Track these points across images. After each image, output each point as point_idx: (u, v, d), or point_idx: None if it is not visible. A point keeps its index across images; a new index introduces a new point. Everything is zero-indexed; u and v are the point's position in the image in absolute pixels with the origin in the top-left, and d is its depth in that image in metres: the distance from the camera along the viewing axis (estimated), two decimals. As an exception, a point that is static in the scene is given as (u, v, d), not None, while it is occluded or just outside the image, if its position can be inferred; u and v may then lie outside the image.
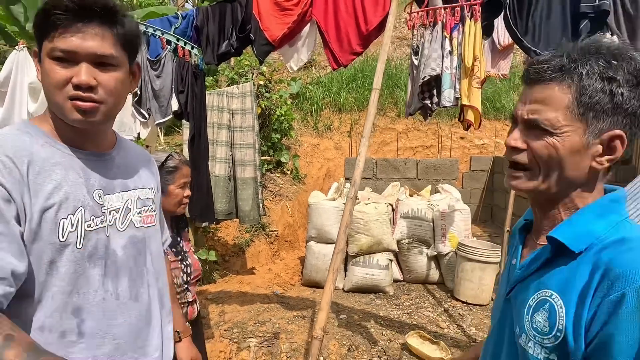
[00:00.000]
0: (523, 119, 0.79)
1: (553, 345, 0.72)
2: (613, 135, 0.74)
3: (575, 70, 0.74)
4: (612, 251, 0.71)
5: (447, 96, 2.41)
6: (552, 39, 2.16)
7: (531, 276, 0.81)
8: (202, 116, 3.18)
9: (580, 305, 0.70)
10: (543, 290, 0.77)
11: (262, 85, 6.91)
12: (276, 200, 6.77)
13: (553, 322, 0.73)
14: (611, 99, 0.73)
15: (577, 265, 0.74)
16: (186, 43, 2.90)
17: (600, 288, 0.68)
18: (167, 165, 1.66)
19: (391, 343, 3.47)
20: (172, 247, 1.75)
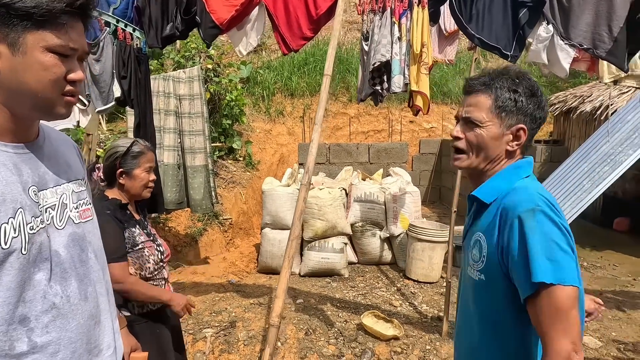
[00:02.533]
0: (462, 117, 1.17)
1: (481, 268, 1.10)
2: (518, 128, 1.13)
3: (493, 85, 1.13)
4: (506, 197, 1.09)
5: (397, 82, 2.45)
6: (494, 27, 2.24)
7: (470, 227, 1.21)
8: (147, 102, 3.03)
9: (492, 238, 1.06)
10: (475, 234, 1.14)
11: (210, 69, 6.68)
12: (229, 187, 6.64)
13: (481, 252, 1.10)
14: (515, 104, 1.12)
15: (489, 212, 1.12)
16: (127, 25, 2.73)
17: (502, 223, 1.05)
18: (132, 150, 1.76)
19: (347, 324, 3.56)
20: (143, 229, 1.81)
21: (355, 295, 4.16)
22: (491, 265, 1.06)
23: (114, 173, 1.76)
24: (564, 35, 2.13)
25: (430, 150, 8.05)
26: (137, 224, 1.81)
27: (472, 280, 1.13)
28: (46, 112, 0.89)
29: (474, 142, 1.14)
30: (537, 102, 1.12)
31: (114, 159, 1.76)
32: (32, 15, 0.80)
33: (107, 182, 1.81)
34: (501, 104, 1.11)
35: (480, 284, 1.10)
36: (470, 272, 1.13)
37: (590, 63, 3.47)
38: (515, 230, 0.99)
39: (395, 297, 4.13)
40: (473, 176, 1.21)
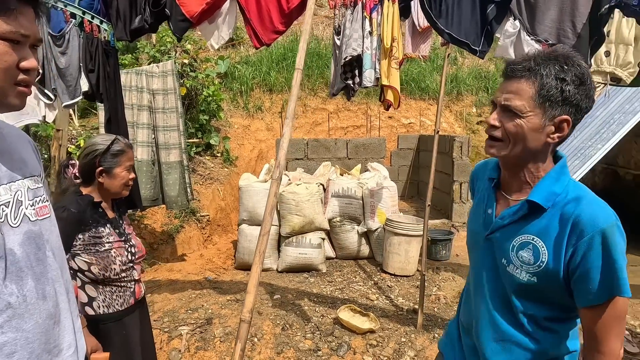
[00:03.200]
0: (500, 104, 1.07)
1: (536, 271, 1.06)
2: (562, 119, 1.05)
3: (538, 71, 1.03)
4: (574, 207, 1.03)
5: (368, 76, 2.46)
6: (463, 22, 2.27)
7: (511, 225, 1.12)
8: (118, 97, 2.96)
9: (558, 247, 1.03)
10: (524, 235, 1.09)
11: (186, 64, 6.58)
12: (207, 184, 6.57)
13: (537, 256, 1.06)
14: (561, 94, 1.03)
15: (548, 217, 1.06)
16: (93, 17, 2.66)
17: (573, 233, 1.01)
18: (113, 148, 1.73)
19: (324, 318, 3.58)
20: (115, 228, 1.78)
21: (333, 290, 4.18)
22: (549, 271, 1.04)
23: (93, 171, 1.72)
24: (530, 31, 2.17)
25: (408, 145, 8.13)
26: (109, 223, 1.78)
27: (515, 280, 1.09)
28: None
29: (512, 132, 1.06)
30: (585, 91, 1.04)
31: (94, 157, 1.72)
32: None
33: (82, 180, 1.77)
34: (546, 93, 1.02)
35: (529, 286, 1.07)
36: (516, 272, 1.08)
37: (559, 59, 3.56)
38: (598, 245, 0.98)
39: (372, 291, 4.17)
40: (509, 166, 1.14)
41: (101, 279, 1.70)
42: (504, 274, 1.12)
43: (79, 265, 1.68)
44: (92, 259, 1.68)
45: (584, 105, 1.05)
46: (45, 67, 2.59)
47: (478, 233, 1.22)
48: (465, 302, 1.33)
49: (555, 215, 1.05)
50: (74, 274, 1.69)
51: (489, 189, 1.22)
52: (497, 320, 1.15)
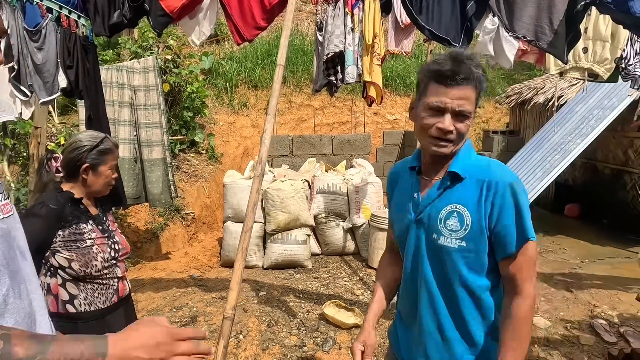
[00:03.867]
0: (454, 110, 1.16)
1: (464, 236, 1.17)
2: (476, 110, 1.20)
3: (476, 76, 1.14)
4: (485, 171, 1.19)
5: (350, 73, 2.47)
6: (443, 18, 2.29)
7: (436, 200, 1.22)
8: (99, 94, 2.91)
9: (478, 208, 1.16)
10: (448, 206, 1.20)
11: (169, 60, 6.49)
12: (191, 181, 6.51)
13: (462, 221, 1.17)
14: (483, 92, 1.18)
15: (466, 185, 1.19)
16: (71, 12, 2.60)
17: (489, 192, 1.16)
18: (101, 146, 1.73)
19: (309, 314, 3.59)
20: (98, 225, 1.76)
21: (318, 286, 4.20)
22: (474, 232, 1.16)
23: (78, 167, 1.70)
24: (508, 28, 2.20)
25: (393, 141, 8.17)
26: (92, 220, 1.75)
27: (447, 249, 1.19)
28: None
29: (464, 132, 1.18)
30: None
31: (80, 153, 1.70)
32: None
33: (65, 175, 1.74)
34: (481, 94, 1.19)
35: (461, 251, 1.18)
36: (447, 242, 1.19)
37: (539, 55, 3.61)
38: (509, 197, 1.14)
39: (357, 287, 4.20)
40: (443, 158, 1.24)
41: (82, 275, 1.68)
42: (437, 249, 1.21)
43: (59, 262, 1.65)
44: (72, 255, 1.65)
45: None
46: (21, 63, 2.52)
47: (407, 220, 1.30)
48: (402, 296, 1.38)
49: (471, 182, 1.19)
50: (54, 271, 1.66)
51: (411, 177, 1.33)
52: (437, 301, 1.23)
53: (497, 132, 7.75)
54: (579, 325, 3.46)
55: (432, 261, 1.24)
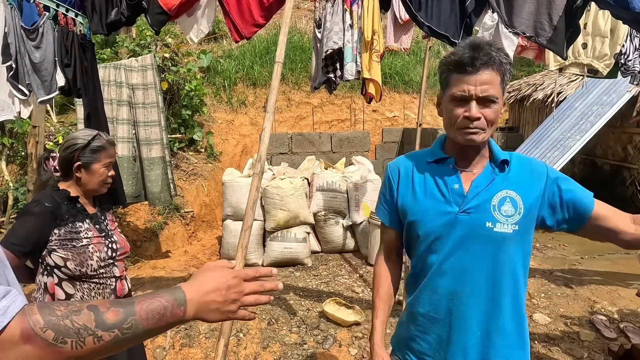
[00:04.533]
0: (478, 97, 1.13)
1: (517, 220, 1.18)
2: (506, 96, 1.22)
3: (498, 58, 1.13)
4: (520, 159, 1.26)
5: (350, 70, 2.46)
6: (442, 15, 2.28)
7: (486, 188, 1.21)
8: (97, 92, 2.90)
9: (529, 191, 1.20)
10: (499, 192, 1.20)
11: (167, 58, 6.47)
12: (190, 179, 6.51)
13: (515, 206, 1.19)
14: (509, 75, 1.17)
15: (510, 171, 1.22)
16: (68, 10, 2.58)
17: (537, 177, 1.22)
18: (93, 144, 1.72)
19: (309, 312, 3.59)
20: (96, 224, 1.76)
21: (318, 284, 4.20)
22: (525, 216, 1.19)
23: (71, 165, 1.70)
24: (508, 24, 2.19)
25: (392, 138, 8.17)
26: (89, 219, 1.75)
27: (503, 235, 1.18)
28: None
29: (492, 118, 1.16)
30: None
31: (73, 151, 1.69)
32: None
33: (61, 174, 1.74)
34: (506, 79, 1.16)
35: (515, 236, 1.18)
36: (503, 228, 1.18)
37: (538, 51, 3.61)
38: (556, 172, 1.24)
39: (357, 284, 4.20)
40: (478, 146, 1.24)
41: (77, 275, 1.67)
42: (492, 237, 1.19)
43: (55, 261, 1.64)
44: (67, 254, 1.65)
45: None
46: (19, 62, 2.51)
47: (448, 213, 1.22)
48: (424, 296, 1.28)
49: (515, 169, 1.23)
50: (50, 270, 1.66)
51: (444, 169, 1.27)
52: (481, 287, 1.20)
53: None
54: (579, 322, 3.47)
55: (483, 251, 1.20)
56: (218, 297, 0.76)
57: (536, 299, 3.86)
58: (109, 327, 0.64)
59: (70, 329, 0.60)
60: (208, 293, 0.76)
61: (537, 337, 3.23)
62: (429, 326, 1.26)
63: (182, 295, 0.73)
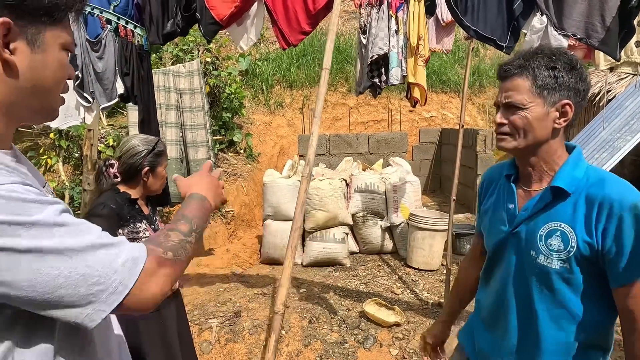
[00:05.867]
0: (502, 103, 1.15)
1: (567, 257, 1.08)
2: (563, 104, 1.11)
3: (529, 65, 1.11)
4: (599, 188, 1.06)
5: (395, 74, 2.49)
6: (489, 18, 2.28)
7: (535, 214, 1.14)
8: (151, 98, 3.08)
9: (587, 229, 1.05)
10: (550, 223, 1.11)
11: (209, 62, 6.70)
12: (230, 180, 6.71)
13: (566, 242, 1.08)
14: (556, 80, 1.10)
15: (573, 203, 1.09)
16: (128, 22, 2.76)
17: (601, 214, 1.03)
18: (157, 149, 1.86)
19: (350, 312, 3.64)
20: (150, 224, 1.87)
21: (357, 284, 4.24)
22: (580, 255, 1.06)
23: (139, 171, 1.83)
24: (557, 26, 2.16)
25: (430, 139, 8.08)
26: (145, 219, 1.87)
27: (546, 270, 1.11)
28: (49, 113, 0.83)
29: (519, 125, 1.12)
30: (578, 75, 1.11)
31: (141, 157, 1.82)
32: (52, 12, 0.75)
33: (122, 179, 1.87)
34: (541, 83, 1.10)
35: (561, 272, 1.09)
36: (547, 262, 1.10)
37: (587, 50, 3.51)
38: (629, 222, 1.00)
39: (396, 285, 4.22)
40: (523, 157, 1.19)
41: None
42: (534, 266, 1.13)
43: None
44: None
45: (581, 88, 1.12)
46: (84, 72, 2.71)
47: (502, 232, 1.23)
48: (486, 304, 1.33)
49: (579, 199, 1.08)
50: None
51: (506, 186, 1.26)
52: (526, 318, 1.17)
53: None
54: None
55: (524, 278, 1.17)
56: (215, 188, 1.05)
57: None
58: (189, 232, 0.88)
59: (176, 245, 0.83)
60: (210, 188, 1.03)
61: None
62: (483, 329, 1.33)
63: (200, 195, 0.99)
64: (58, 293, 0.66)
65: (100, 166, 1.92)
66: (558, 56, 1.11)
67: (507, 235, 1.21)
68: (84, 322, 0.69)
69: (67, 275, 0.66)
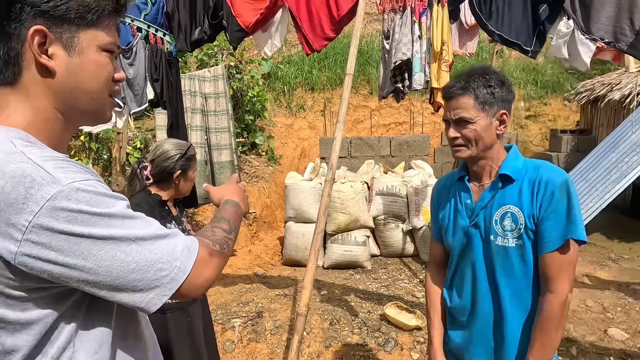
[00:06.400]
0: (452, 119, 1.33)
1: (519, 234, 1.27)
2: (501, 113, 1.32)
3: (470, 86, 1.30)
4: (535, 172, 1.29)
5: (418, 80, 2.50)
6: (514, 23, 2.26)
7: (490, 203, 1.33)
8: (179, 103, 3.17)
9: (529, 206, 1.26)
10: (502, 207, 1.30)
11: (232, 66, 6.82)
12: (253, 182, 6.80)
13: (516, 221, 1.28)
14: (492, 95, 1.30)
15: (518, 187, 1.29)
16: (157, 30, 2.86)
17: (539, 191, 1.25)
18: (188, 153, 1.95)
19: (370, 314, 3.65)
20: (178, 224, 1.95)
21: (378, 287, 4.25)
22: (527, 231, 1.26)
23: (171, 174, 1.90)
24: (584, 30, 2.13)
25: (452, 142, 7.99)
26: (174, 220, 1.95)
27: (504, 250, 1.29)
28: (97, 115, 0.85)
29: (470, 136, 1.30)
30: (507, 88, 1.33)
31: (174, 161, 1.90)
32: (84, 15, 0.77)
33: (154, 181, 1.94)
34: (482, 99, 1.29)
35: (517, 250, 1.28)
36: (505, 242, 1.29)
37: (616, 52, 3.42)
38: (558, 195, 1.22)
39: (417, 289, 4.20)
40: (476, 161, 1.37)
41: None
42: (496, 249, 1.31)
43: None
44: None
45: (510, 98, 1.34)
46: (116, 78, 2.81)
47: (464, 226, 1.39)
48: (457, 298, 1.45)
49: (523, 184, 1.29)
50: None
51: (461, 185, 1.43)
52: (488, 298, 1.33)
53: (565, 131, 7.35)
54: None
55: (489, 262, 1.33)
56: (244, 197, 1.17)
57: (612, 312, 3.66)
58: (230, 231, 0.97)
59: (220, 239, 0.91)
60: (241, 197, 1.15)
61: (613, 353, 3.07)
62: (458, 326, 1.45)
63: (234, 201, 1.10)
64: (130, 277, 0.73)
65: (135, 168, 2.00)
66: (490, 75, 1.31)
67: (468, 227, 1.38)
68: (147, 306, 0.76)
69: (137, 260, 0.73)
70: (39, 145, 0.75)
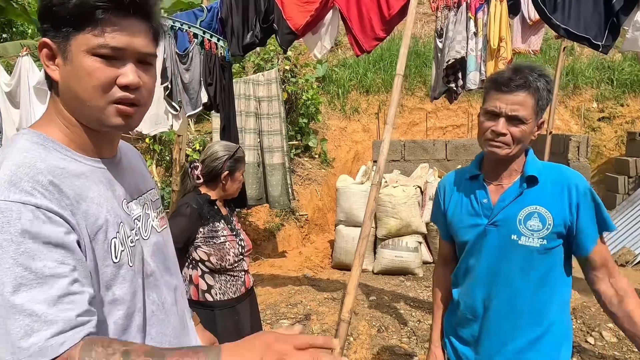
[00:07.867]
0: (507, 115, 1.25)
1: (546, 235, 1.27)
2: (541, 122, 1.32)
3: (535, 84, 1.24)
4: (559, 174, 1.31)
5: (473, 79, 2.37)
6: (582, 15, 2.07)
7: (512, 203, 1.31)
8: (231, 107, 3.27)
9: (560, 207, 1.27)
10: (527, 207, 1.29)
11: (287, 70, 6.93)
12: (305, 184, 6.85)
13: (543, 221, 1.27)
14: (547, 102, 1.29)
15: (542, 188, 1.29)
16: (212, 35, 2.96)
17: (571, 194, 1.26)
18: (237, 155, 1.96)
19: (420, 324, 3.52)
20: (228, 224, 1.98)
21: (430, 296, 4.09)
22: (556, 231, 1.27)
23: (219, 174, 1.95)
24: (667, 20, 1.90)
25: (514, 145, 7.55)
26: (223, 219, 1.99)
27: (526, 249, 1.28)
28: (98, 122, 0.81)
29: (518, 136, 1.26)
30: None
31: (222, 162, 1.94)
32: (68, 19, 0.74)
33: (204, 180, 2.00)
34: (541, 104, 1.27)
35: (540, 249, 1.28)
36: (529, 242, 1.28)
37: None
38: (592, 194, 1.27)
39: (472, 300, 4.00)
40: (506, 160, 1.33)
41: (218, 268, 1.91)
42: (518, 248, 1.29)
43: (200, 256, 1.90)
44: (210, 250, 1.89)
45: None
46: (173, 83, 2.96)
47: (479, 225, 1.36)
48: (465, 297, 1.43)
49: (546, 185, 1.29)
50: (195, 264, 1.92)
51: (475, 184, 1.40)
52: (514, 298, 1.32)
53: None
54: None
55: (507, 260, 1.32)
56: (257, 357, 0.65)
57: None
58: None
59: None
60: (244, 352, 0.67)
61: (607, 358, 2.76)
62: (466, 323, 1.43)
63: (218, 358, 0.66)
64: None
65: (186, 168, 2.08)
66: (549, 79, 1.28)
67: (485, 226, 1.35)
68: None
69: None
70: (48, 149, 0.78)
